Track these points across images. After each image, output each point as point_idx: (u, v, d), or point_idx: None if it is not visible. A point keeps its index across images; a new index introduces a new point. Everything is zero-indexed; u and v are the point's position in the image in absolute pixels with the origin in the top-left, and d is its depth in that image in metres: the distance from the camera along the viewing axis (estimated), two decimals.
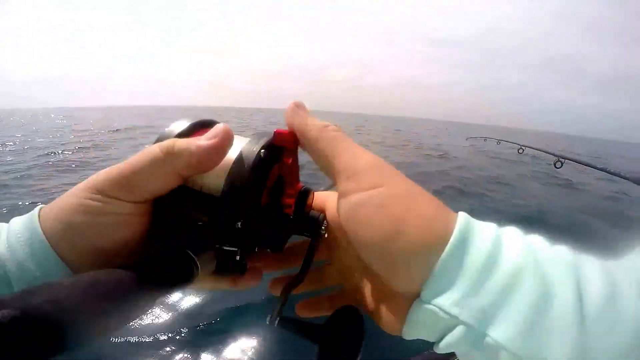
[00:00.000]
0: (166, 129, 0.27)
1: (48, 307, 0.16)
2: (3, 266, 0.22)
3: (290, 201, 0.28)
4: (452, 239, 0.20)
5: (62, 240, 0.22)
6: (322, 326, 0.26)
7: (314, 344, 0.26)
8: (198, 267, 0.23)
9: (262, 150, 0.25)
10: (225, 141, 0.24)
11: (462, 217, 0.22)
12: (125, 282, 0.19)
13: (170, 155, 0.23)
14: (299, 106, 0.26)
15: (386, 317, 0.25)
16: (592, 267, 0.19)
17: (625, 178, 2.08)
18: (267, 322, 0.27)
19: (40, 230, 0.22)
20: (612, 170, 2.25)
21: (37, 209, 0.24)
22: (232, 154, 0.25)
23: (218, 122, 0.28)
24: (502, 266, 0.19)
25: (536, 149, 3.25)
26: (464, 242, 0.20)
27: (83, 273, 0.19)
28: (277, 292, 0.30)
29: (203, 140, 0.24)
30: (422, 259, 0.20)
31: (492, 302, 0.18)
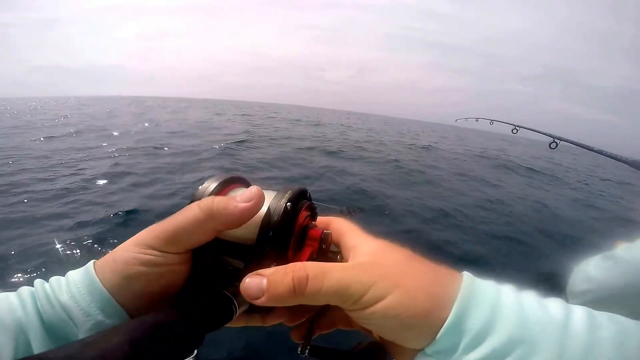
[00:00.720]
0: (200, 188, 0.31)
1: (126, 348, 0.19)
2: (69, 313, 0.25)
3: (314, 244, 0.31)
4: (453, 310, 0.23)
5: (119, 288, 0.26)
6: (352, 353, 0.30)
7: None
8: (236, 307, 0.27)
9: (289, 204, 0.28)
10: (259, 203, 0.28)
11: (464, 286, 0.24)
12: (180, 322, 0.23)
13: (209, 215, 0.27)
14: (252, 282, 0.26)
15: (394, 352, 0.28)
16: (577, 332, 0.21)
17: (623, 162, 1.89)
18: (298, 352, 0.29)
19: (98, 280, 0.26)
20: (609, 153, 2.06)
21: (91, 263, 0.28)
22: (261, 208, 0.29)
23: (244, 178, 0.35)
24: (496, 334, 0.21)
25: (530, 129, 3.06)
26: (464, 312, 0.23)
27: (142, 316, 0.22)
28: (297, 340, 0.33)
29: (240, 202, 0.27)
30: (428, 331, 0.23)
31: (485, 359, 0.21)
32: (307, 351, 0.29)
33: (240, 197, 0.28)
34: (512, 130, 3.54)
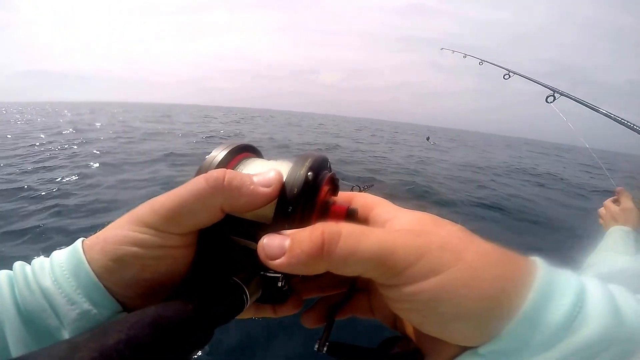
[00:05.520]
0: (207, 157, 0.27)
1: (122, 347, 0.16)
2: (50, 300, 0.22)
3: (339, 222, 0.25)
4: (530, 300, 0.18)
5: (108, 272, 0.23)
6: (375, 350, 0.25)
7: None
8: (248, 297, 0.24)
9: (309, 173, 0.25)
10: (278, 190, 0.24)
11: (541, 273, 0.19)
12: (186, 316, 0.19)
13: (217, 190, 0.23)
14: (271, 242, 0.22)
15: (427, 349, 0.24)
16: None
17: (632, 128, 1.63)
18: (315, 349, 0.26)
19: (86, 262, 0.23)
20: (612, 115, 1.78)
21: (79, 242, 0.24)
22: None
23: (255, 147, 0.30)
24: (582, 330, 0.17)
25: (525, 77, 2.70)
26: (542, 304, 0.18)
27: (141, 309, 0.19)
28: (309, 325, 0.30)
29: (258, 186, 0.24)
30: (489, 325, 0.18)
31: None
32: (325, 348, 0.26)
33: (258, 180, 0.24)
34: (504, 76, 3.24)
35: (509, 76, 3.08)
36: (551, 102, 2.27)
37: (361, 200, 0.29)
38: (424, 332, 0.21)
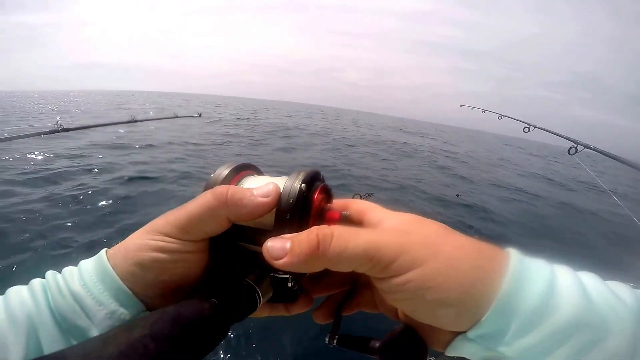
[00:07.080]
0: (212, 175, 0.30)
1: (147, 340, 0.18)
2: (80, 302, 0.24)
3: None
4: (504, 286, 0.20)
5: (131, 275, 0.25)
6: (381, 340, 0.27)
7: (373, 357, 0.27)
8: (260, 297, 0.26)
9: (303, 185, 0.27)
10: (276, 200, 0.27)
11: (513, 261, 0.21)
12: (204, 314, 0.21)
13: (223, 204, 0.26)
14: (274, 245, 0.24)
15: (426, 336, 0.26)
16: None
17: None
18: (326, 342, 0.28)
19: (111, 268, 0.25)
20: (635, 164, 1.85)
21: (103, 251, 0.27)
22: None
23: (255, 165, 0.34)
24: (555, 315, 0.19)
25: (546, 130, 2.83)
26: (516, 289, 0.20)
27: (163, 307, 0.21)
28: (320, 321, 0.32)
29: (257, 197, 0.26)
30: (471, 310, 0.20)
31: (539, 345, 0.19)
32: (335, 341, 0.28)
33: (257, 192, 0.27)
34: (523, 129, 3.29)
35: (529, 129, 3.19)
36: (573, 154, 2.35)
37: (355, 206, 0.31)
38: (418, 320, 0.24)
